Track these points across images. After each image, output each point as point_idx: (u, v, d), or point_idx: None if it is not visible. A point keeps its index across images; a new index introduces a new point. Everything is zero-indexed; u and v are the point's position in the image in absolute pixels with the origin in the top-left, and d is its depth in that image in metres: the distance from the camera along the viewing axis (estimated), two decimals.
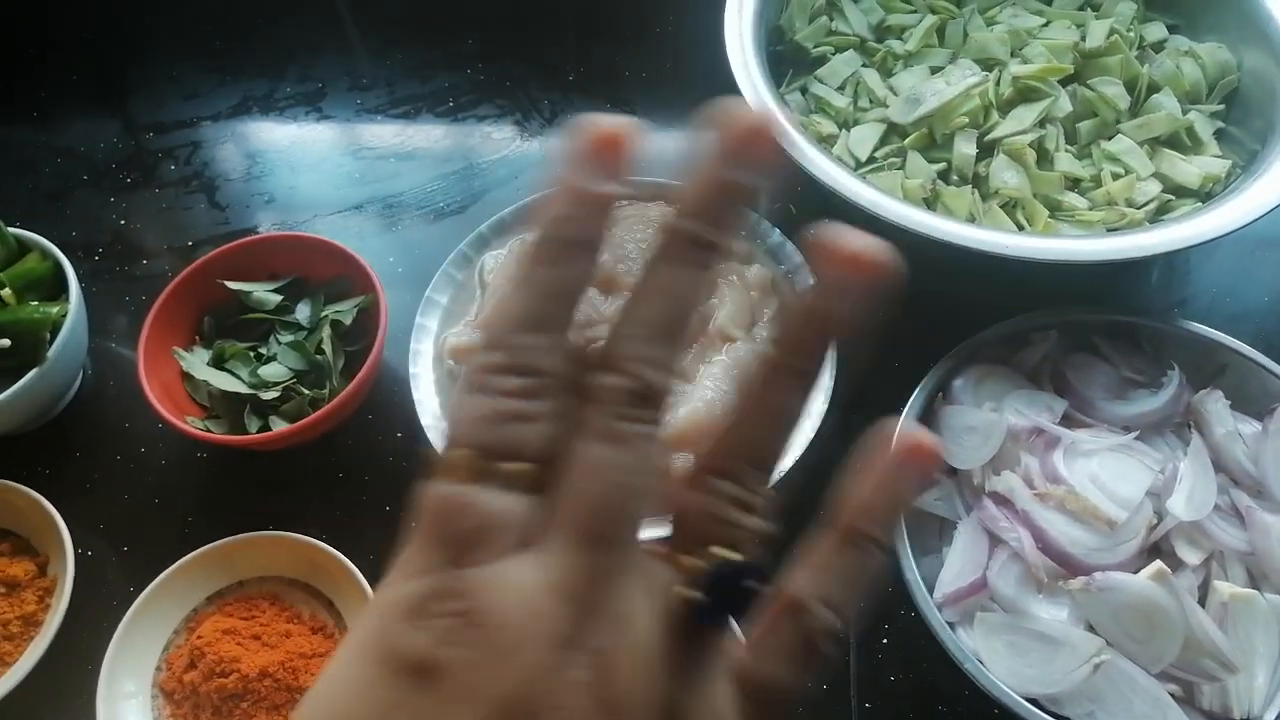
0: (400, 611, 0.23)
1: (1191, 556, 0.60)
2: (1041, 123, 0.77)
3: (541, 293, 0.25)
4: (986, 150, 0.77)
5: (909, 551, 0.60)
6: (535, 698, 0.22)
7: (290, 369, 0.72)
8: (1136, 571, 0.58)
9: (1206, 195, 0.75)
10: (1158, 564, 0.58)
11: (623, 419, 0.24)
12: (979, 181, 0.76)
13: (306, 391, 0.71)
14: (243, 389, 0.71)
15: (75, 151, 0.95)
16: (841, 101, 0.82)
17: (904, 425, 0.25)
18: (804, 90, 0.85)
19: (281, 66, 1.01)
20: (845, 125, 0.81)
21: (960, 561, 0.62)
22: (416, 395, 0.69)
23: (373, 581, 0.64)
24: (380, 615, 0.24)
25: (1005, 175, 0.75)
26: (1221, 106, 0.80)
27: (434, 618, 0.23)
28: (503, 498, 0.24)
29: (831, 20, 0.87)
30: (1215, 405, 0.65)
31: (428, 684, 0.22)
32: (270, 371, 0.72)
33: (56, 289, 0.75)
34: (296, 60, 1.02)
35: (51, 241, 0.75)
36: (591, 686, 0.22)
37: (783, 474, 0.66)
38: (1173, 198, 0.75)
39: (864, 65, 0.85)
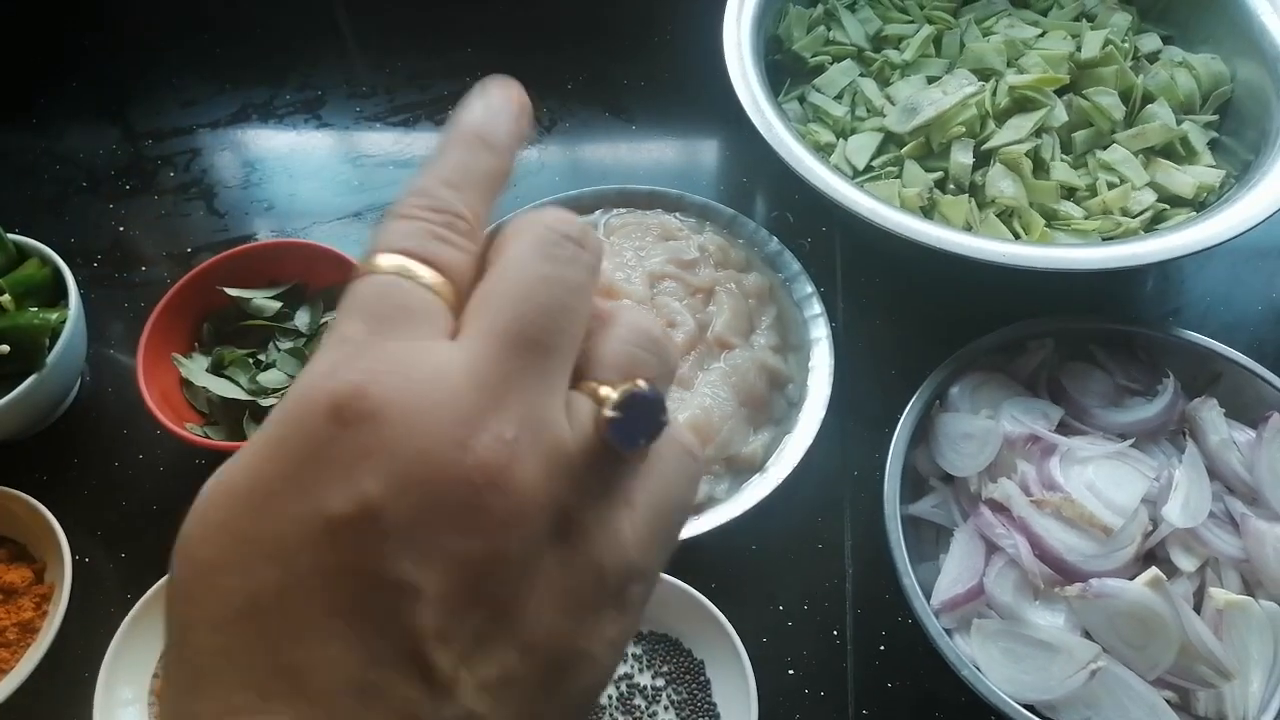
0: (317, 374, 0.23)
1: (1187, 563, 0.60)
2: (1037, 132, 0.78)
3: (456, 167, 0.27)
4: (983, 159, 0.78)
5: (906, 558, 0.60)
6: (438, 467, 0.22)
7: (289, 375, 0.72)
8: (1132, 578, 0.58)
9: (1201, 205, 0.75)
10: (1153, 571, 0.58)
11: (557, 245, 0.26)
12: (975, 190, 0.77)
13: None
14: (242, 395, 0.71)
15: (75, 158, 0.96)
16: (839, 110, 0.83)
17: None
18: (802, 99, 0.86)
19: (281, 74, 1.02)
20: (843, 134, 0.82)
21: (957, 568, 0.62)
22: None
23: None
24: (298, 381, 0.24)
25: (1002, 184, 0.75)
26: (1215, 117, 0.81)
27: (346, 378, 0.23)
28: (428, 295, 0.25)
29: (829, 30, 0.88)
30: (1210, 413, 0.65)
31: (336, 439, 0.22)
32: (269, 378, 0.72)
33: (56, 295, 0.75)
34: (296, 68, 1.02)
35: (51, 248, 0.76)
36: (487, 468, 0.22)
37: (782, 479, 0.66)
38: (1167, 207, 0.76)
39: (861, 75, 0.85)
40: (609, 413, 0.24)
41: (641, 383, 0.25)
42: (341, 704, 0.22)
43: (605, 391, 0.25)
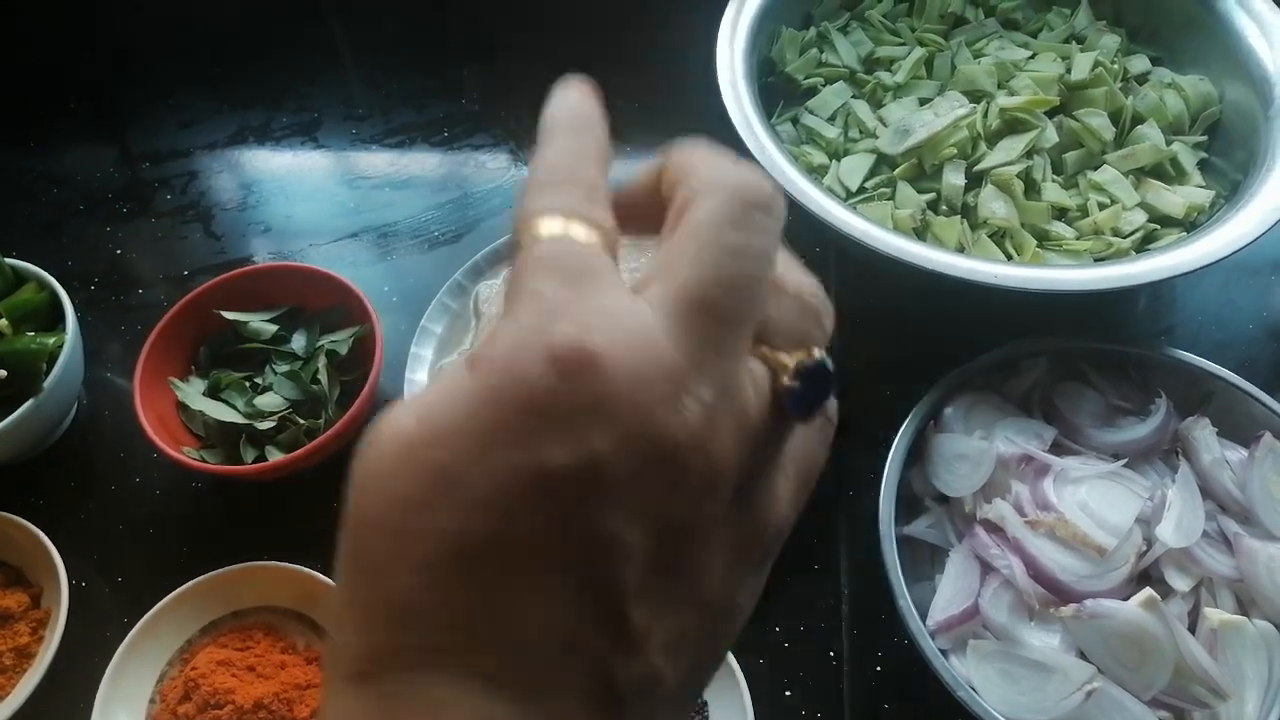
0: (526, 329, 0.23)
1: (1181, 583, 0.60)
2: (1029, 153, 0.78)
3: (569, 148, 0.27)
4: (975, 181, 0.78)
5: (901, 579, 0.61)
6: (663, 429, 0.22)
7: (286, 399, 0.73)
8: (1127, 598, 0.58)
9: (1191, 225, 0.76)
10: (1148, 591, 0.58)
11: (744, 211, 0.25)
12: (968, 212, 0.77)
13: (302, 421, 0.71)
14: (238, 419, 0.71)
15: (72, 181, 0.96)
16: (832, 132, 0.83)
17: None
18: (795, 121, 0.86)
19: (278, 96, 1.02)
20: (836, 156, 0.82)
21: (952, 589, 0.62)
22: None
23: None
24: (502, 337, 0.23)
25: (993, 205, 0.76)
26: (1204, 138, 0.81)
27: (563, 329, 0.22)
28: (601, 253, 0.24)
29: (821, 52, 0.89)
30: (1202, 432, 0.66)
31: (559, 392, 0.22)
32: (266, 401, 0.72)
33: (53, 319, 0.75)
34: (292, 90, 1.03)
35: (48, 271, 0.76)
36: (694, 432, 0.22)
37: None
38: (1158, 227, 0.76)
39: (854, 97, 0.86)
40: (789, 382, 0.25)
41: (817, 352, 0.26)
42: (545, 654, 0.22)
43: (784, 359, 0.25)
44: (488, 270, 0.78)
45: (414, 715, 0.22)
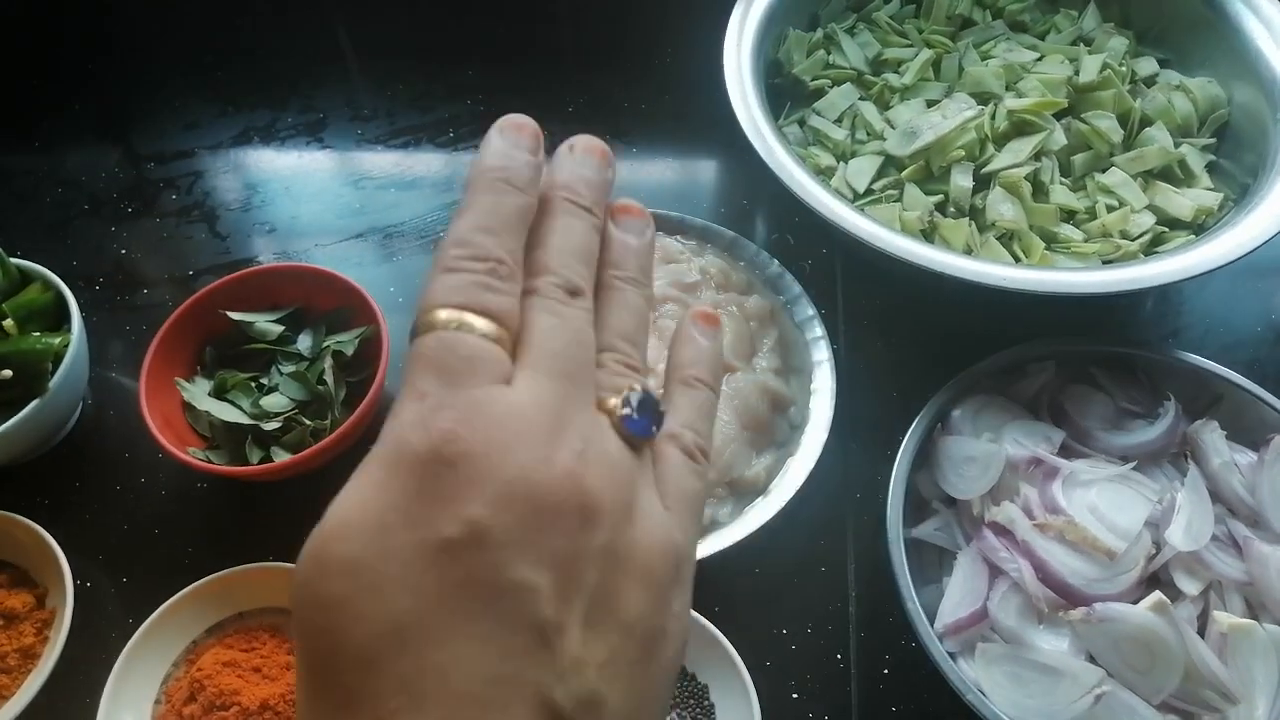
0: (407, 424, 0.27)
1: (1190, 587, 0.60)
2: (1037, 155, 0.78)
3: (488, 211, 0.31)
4: (983, 183, 0.78)
5: (909, 582, 0.60)
6: (534, 483, 0.26)
7: (292, 399, 0.72)
8: (1136, 602, 0.58)
9: (1199, 227, 0.76)
10: (1157, 594, 0.58)
11: (562, 302, 0.31)
12: (976, 214, 0.77)
13: (308, 422, 0.71)
14: (244, 420, 0.71)
15: (77, 181, 0.96)
16: (839, 134, 0.83)
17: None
18: (802, 123, 0.86)
19: (283, 97, 1.02)
20: (843, 157, 0.82)
21: (960, 592, 0.62)
22: None
23: None
24: (389, 432, 0.27)
25: (1001, 207, 0.76)
26: (1213, 140, 0.81)
27: (438, 425, 0.26)
28: (484, 343, 0.28)
29: (829, 54, 0.89)
30: (1211, 435, 0.66)
31: (439, 476, 0.26)
32: (272, 402, 0.72)
33: (58, 319, 0.75)
34: (298, 91, 1.03)
35: (53, 271, 0.76)
36: (570, 475, 0.27)
37: (785, 502, 0.66)
38: (1166, 230, 0.76)
39: (861, 98, 0.86)
40: (623, 411, 0.30)
41: (635, 386, 0.31)
42: (486, 694, 0.25)
43: (613, 402, 0.30)
44: None
45: None
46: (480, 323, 0.29)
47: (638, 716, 0.28)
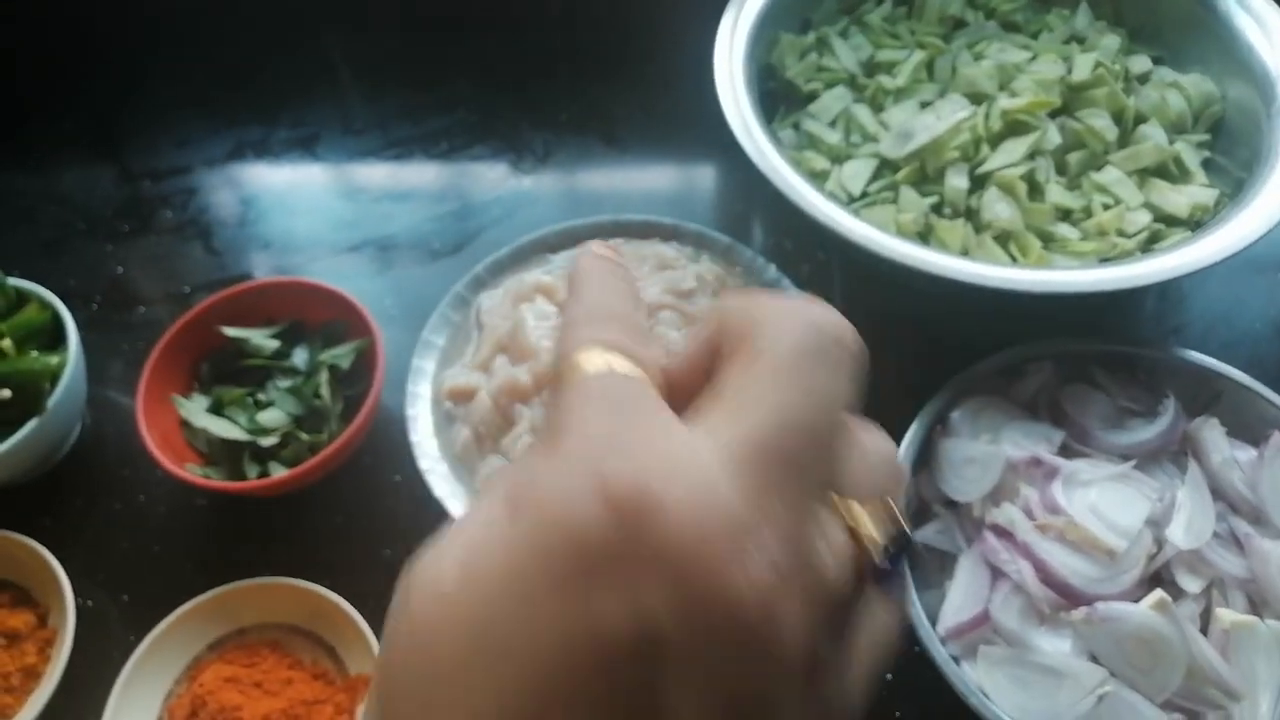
0: (575, 470, 0.21)
1: (1192, 585, 0.60)
2: (1031, 155, 0.78)
3: (606, 288, 0.28)
4: (978, 183, 0.78)
5: (911, 586, 0.60)
6: (719, 586, 0.20)
7: (289, 414, 0.72)
8: (1138, 601, 0.58)
9: (1196, 224, 0.76)
10: (1159, 593, 0.58)
11: (824, 354, 0.25)
12: (971, 214, 0.77)
13: (305, 437, 0.71)
14: (241, 435, 0.71)
15: (72, 200, 0.96)
16: (833, 137, 0.83)
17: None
18: (796, 126, 0.86)
19: (275, 112, 1.02)
20: (837, 161, 0.82)
21: (962, 595, 0.62)
22: (414, 438, 0.69)
23: (374, 625, 0.64)
24: (547, 477, 0.21)
25: (997, 208, 0.76)
26: (1207, 136, 0.81)
27: (618, 468, 0.20)
28: (648, 388, 0.24)
29: (821, 57, 0.88)
30: (1211, 433, 0.65)
31: (609, 541, 0.20)
32: (269, 417, 0.72)
33: (55, 338, 0.75)
34: (290, 105, 1.03)
35: (49, 290, 0.76)
36: (763, 600, 0.20)
37: None
38: (1163, 227, 0.76)
39: (855, 101, 0.85)
40: (881, 562, 0.23)
41: (903, 523, 0.24)
42: None
43: (867, 530, 0.23)
44: (489, 281, 0.77)
45: None
46: (631, 369, 0.25)
47: None
